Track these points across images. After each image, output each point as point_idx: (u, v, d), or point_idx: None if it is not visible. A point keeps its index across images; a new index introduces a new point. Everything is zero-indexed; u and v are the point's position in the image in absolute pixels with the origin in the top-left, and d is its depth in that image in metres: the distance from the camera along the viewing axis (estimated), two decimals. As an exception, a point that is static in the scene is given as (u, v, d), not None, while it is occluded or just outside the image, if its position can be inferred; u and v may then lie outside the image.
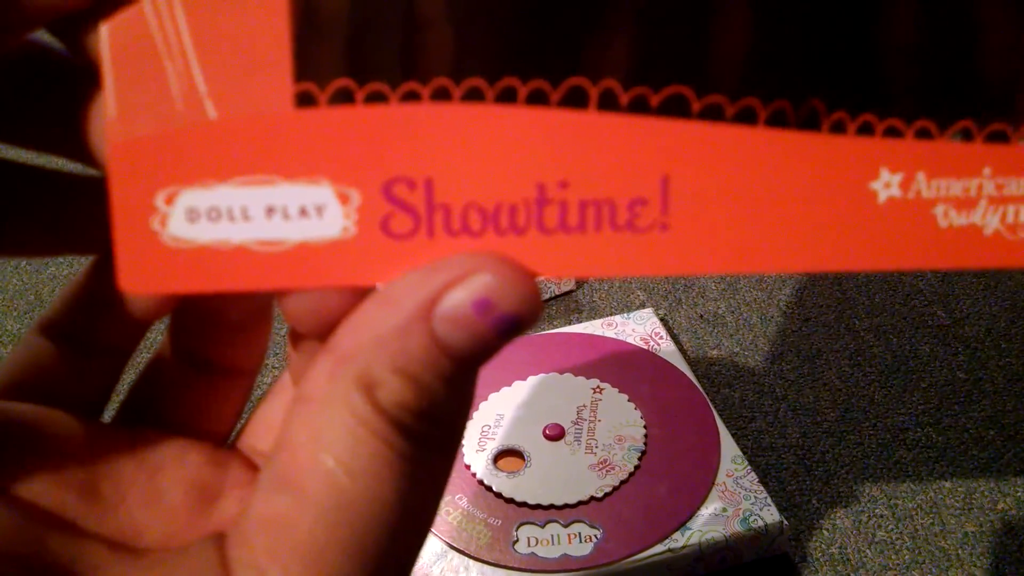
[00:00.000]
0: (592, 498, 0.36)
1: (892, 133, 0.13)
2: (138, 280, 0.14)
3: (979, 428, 0.43)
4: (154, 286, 0.14)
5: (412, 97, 0.13)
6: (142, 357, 0.23)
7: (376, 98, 0.13)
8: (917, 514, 0.39)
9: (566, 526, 0.35)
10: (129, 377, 0.18)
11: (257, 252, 0.14)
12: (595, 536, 0.35)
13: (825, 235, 0.13)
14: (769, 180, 0.13)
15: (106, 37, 0.13)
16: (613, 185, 0.13)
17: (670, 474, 0.37)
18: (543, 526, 0.35)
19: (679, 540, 0.35)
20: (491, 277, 0.13)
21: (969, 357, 0.47)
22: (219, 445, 0.18)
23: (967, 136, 0.13)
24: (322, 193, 0.13)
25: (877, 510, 0.39)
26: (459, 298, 0.13)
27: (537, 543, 0.35)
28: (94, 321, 0.17)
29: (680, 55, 0.13)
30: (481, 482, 0.37)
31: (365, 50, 0.13)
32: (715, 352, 0.48)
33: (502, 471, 0.38)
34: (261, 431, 0.18)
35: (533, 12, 0.13)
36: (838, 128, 0.13)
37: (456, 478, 0.37)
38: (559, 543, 0.35)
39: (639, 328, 0.46)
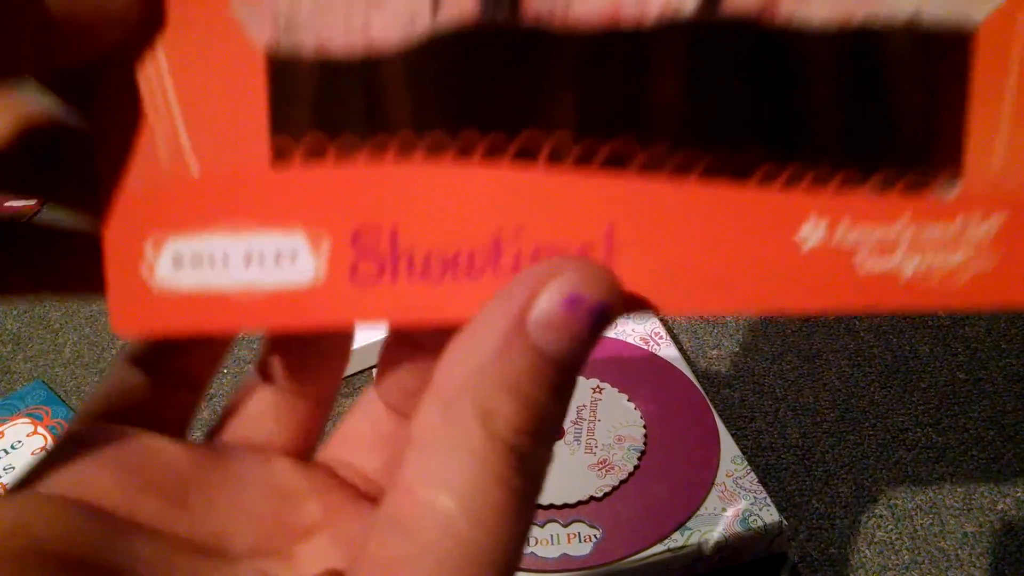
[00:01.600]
0: (592, 498, 0.36)
1: (818, 182, 0.14)
2: (129, 323, 0.15)
3: (979, 428, 0.43)
4: (144, 329, 0.15)
5: (381, 147, 0.14)
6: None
7: (347, 148, 0.14)
8: (917, 514, 0.39)
9: (565, 526, 0.35)
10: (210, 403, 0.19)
11: (236, 296, 0.15)
12: (595, 536, 0.35)
13: (753, 281, 0.14)
14: (701, 229, 0.14)
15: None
16: (564, 232, 0.14)
17: (670, 474, 0.37)
18: (542, 526, 0.35)
19: (679, 540, 0.35)
20: (573, 273, 0.13)
21: (969, 357, 0.47)
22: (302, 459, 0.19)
23: (888, 185, 0.14)
24: (295, 241, 0.14)
25: (877, 510, 0.39)
26: (548, 301, 0.13)
27: (536, 543, 0.35)
28: (171, 354, 0.18)
29: (621, 111, 0.14)
30: (481, 482, 0.37)
31: (335, 107, 0.14)
32: (715, 352, 0.48)
33: (502, 471, 0.38)
34: (341, 442, 0.19)
35: (482, 75, 0.14)
36: (768, 178, 0.14)
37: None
38: (558, 543, 0.35)
39: (639, 328, 0.46)
